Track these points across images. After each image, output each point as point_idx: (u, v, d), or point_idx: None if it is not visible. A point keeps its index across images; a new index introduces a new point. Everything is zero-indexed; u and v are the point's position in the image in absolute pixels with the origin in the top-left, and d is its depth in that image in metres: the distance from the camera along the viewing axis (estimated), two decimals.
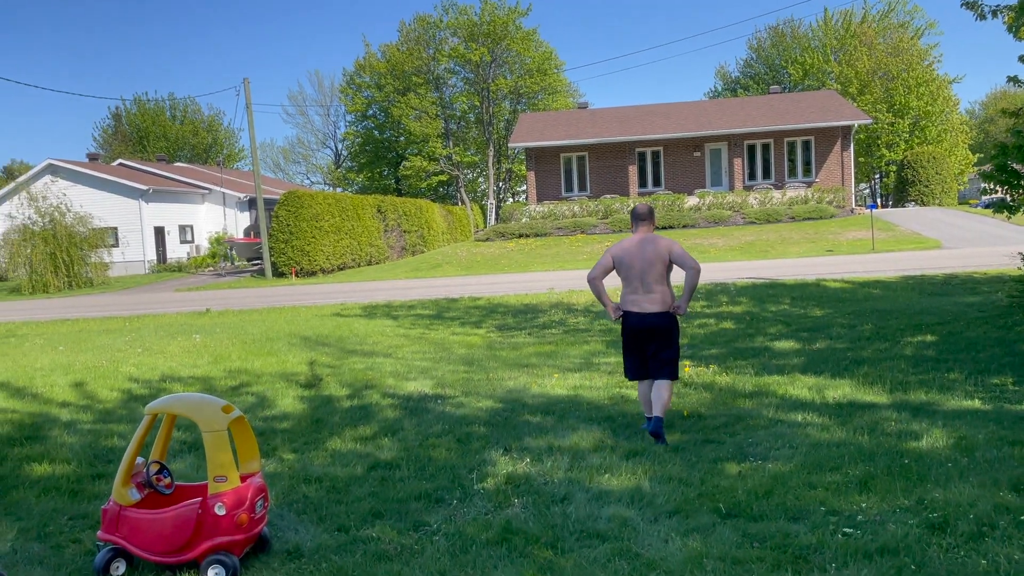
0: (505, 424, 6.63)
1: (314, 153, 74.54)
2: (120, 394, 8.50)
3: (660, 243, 6.04)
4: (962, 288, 14.85)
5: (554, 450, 5.79)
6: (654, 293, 6.01)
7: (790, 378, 7.83)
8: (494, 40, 53.35)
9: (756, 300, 14.60)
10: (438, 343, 11.87)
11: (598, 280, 6.11)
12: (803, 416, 6.36)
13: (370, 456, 5.81)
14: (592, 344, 10.95)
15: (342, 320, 14.86)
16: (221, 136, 68.14)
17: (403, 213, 36.37)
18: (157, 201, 39.71)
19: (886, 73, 47.76)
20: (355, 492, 5.04)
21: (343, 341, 12.31)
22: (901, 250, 24.35)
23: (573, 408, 7.12)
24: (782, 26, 59.45)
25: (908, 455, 5.15)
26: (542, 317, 14.02)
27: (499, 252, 31.64)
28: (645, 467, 5.24)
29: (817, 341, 10.03)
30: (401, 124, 56.65)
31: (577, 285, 19.54)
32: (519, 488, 4.98)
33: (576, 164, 38.53)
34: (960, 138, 49.25)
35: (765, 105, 39.28)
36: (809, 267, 20.79)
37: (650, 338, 6.05)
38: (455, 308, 16.12)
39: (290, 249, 29.32)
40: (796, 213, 33.01)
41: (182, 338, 12.85)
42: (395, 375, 9.14)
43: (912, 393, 6.87)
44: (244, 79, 31.76)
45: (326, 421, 6.96)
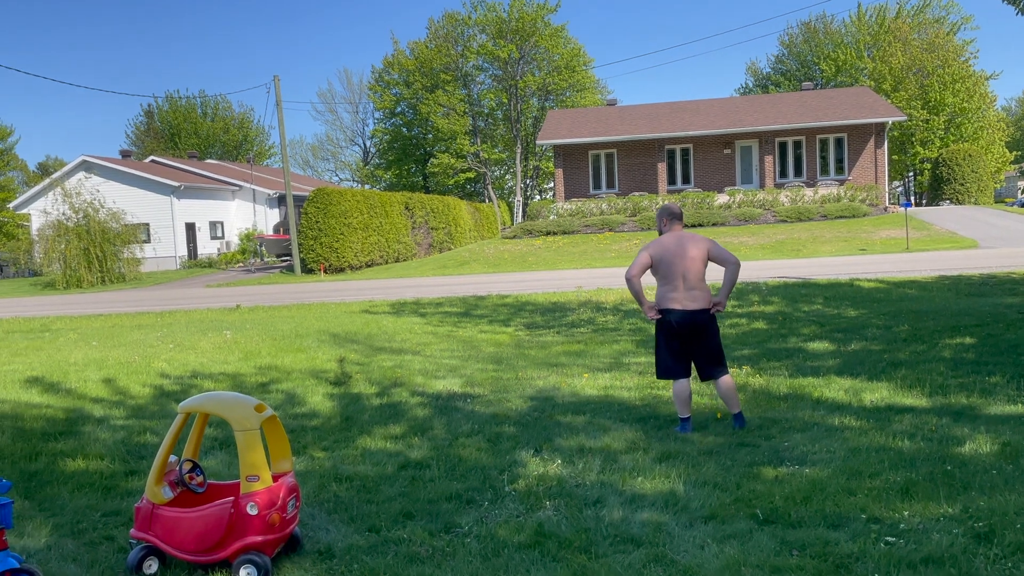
0: (535, 424, 6.58)
1: (342, 150, 75.15)
2: (152, 390, 8.57)
3: (699, 241, 6.07)
4: (1000, 289, 14.53)
5: (585, 451, 5.73)
6: (696, 291, 6.01)
7: (825, 380, 7.68)
8: (522, 37, 53.22)
9: (788, 300, 14.39)
10: (466, 341, 11.84)
11: (638, 279, 6.03)
12: (840, 419, 6.23)
13: (400, 455, 5.79)
14: (622, 343, 10.85)
15: (370, 317, 14.89)
16: (251, 133, 68.78)
17: (431, 210, 36.43)
18: (188, 197, 40.16)
19: (921, 69, 46.94)
20: (386, 492, 5.01)
21: (372, 338, 12.33)
22: (936, 250, 23.91)
23: (604, 408, 7.05)
24: (814, 22, 58.72)
25: (950, 461, 5.02)
26: (570, 316, 13.93)
27: (526, 250, 31.57)
28: (679, 470, 5.15)
29: (852, 342, 9.85)
30: (429, 121, 56.76)
31: (606, 283, 19.43)
32: (551, 490, 4.92)
33: (604, 161, 38.34)
34: (997, 135, 48.27)
35: (797, 102, 38.79)
36: (842, 266, 20.48)
37: (695, 336, 6.05)
38: (483, 306, 16.09)
39: (319, 246, 29.49)
40: (828, 211, 32.56)
41: (213, 334, 12.95)
42: (424, 373, 9.12)
43: (952, 397, 6.70)
44: (275, 76, 32.01)
45: (355, 419, 6.95)
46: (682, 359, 6.10)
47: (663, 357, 6.15)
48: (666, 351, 6.11)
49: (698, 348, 6.10)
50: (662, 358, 6.16)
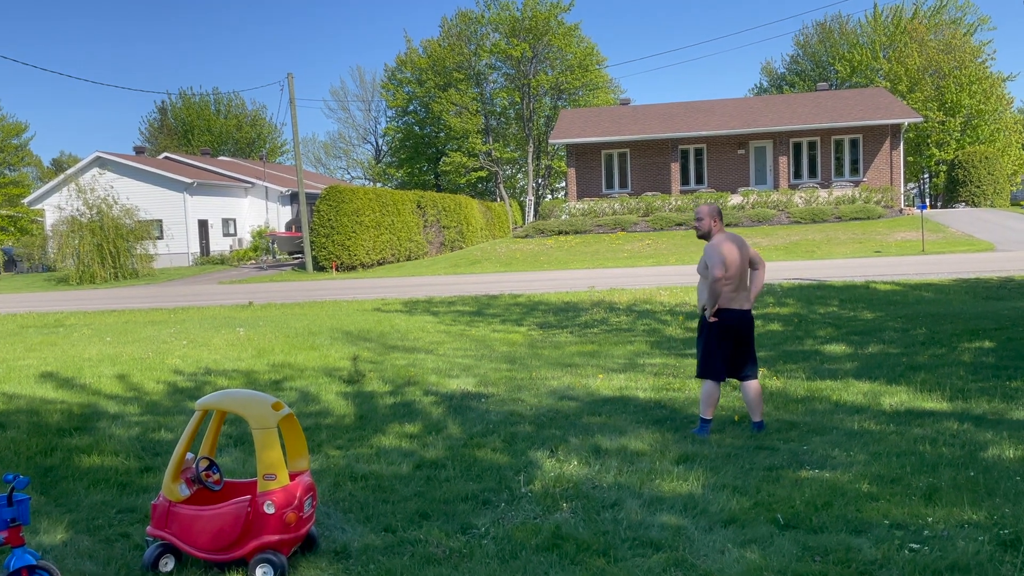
0: (550, 425, 6.53)
1: (355, 148, 75.09)
2: (166, 387, 8.57)
3: (745, 241, 6.16)
4: (1019, 292, 14.38)
5: (602, 452, 5.68)
6: (746, 291, 6.09)
7: (843, 383, 7.61)
8: (535, 36, 53.13)
9: (803, 301, 14.29)
10: (479, 340, 11.81)
11: (724, 282, 5.93)
12: (859, 423, 6.16)
13: (415, 454, 5.75)
14: (636, 344, 10.79)
15: (383, 315, 14.88)
16: (264, 130, 68.97)
17: (442, 209, 36.41)
18: (201, 194, 40.29)
19: (937, 70, 46.59)
20: (401, 491, 4.98)
21: (384, 337, 12.31)
22: (952, 252, 23.71)
23: (620, 409, 7.00)
24: (830, 22, 58.36)
25: (973, 466, 4.94)
26: (583, 316, 13.88)
27: (538, 249, 31.52)
28: (697, 473, 5.10)
29: (869, 345, 9.76)
30: (441, 120, 56.75)
31: (618, 283, 19.36)
32: (567, 492, 4.87)
33: (617, 161, 38.23)
34: (1014, 138, 47.85)
35: (812, 102, 38.55)
36: (857, 268, 20.33)
37: (747, 336, 6.09)
38: (495, 305, 16.06)
39: (331, 243, 29.52)
40: (843, 213, 32.35)
41: (226, 331, 12.96)
42: (437, 372, 9.09)
43: (973, 402, 6.62)
44: (288, 74, 32.08)
45: (370, 417, 6.93)
46: (729, 360, 6.07)
47: (716, 357, 6.03)
48: (720, 352, 6.02)
49: (744, 349, 6.09)
50: (714, 358, 6.03)
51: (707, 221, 6.08)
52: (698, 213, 6.15)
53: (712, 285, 5.85)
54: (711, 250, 5.93)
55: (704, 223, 6.09)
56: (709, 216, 6.08)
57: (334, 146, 75.63)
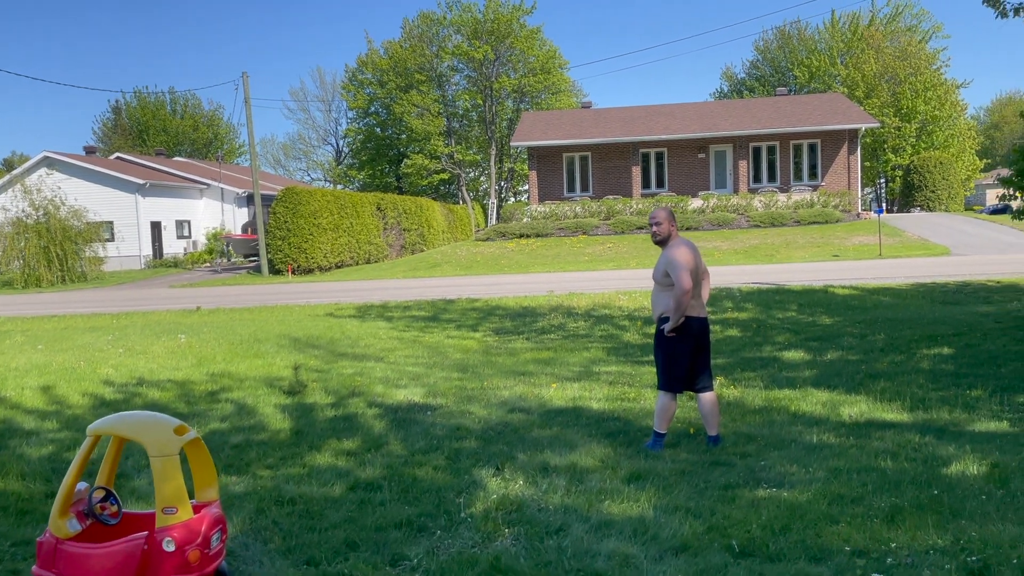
0: (498, 439, 6.18)
1: (315, 150, 74.09)
2: (92, 400, 8.05)
3: (697, 248, 5.97)
4: (975, 297, 14.40)
5: (550, 470, 5.35)
6: (701, 297, 5.81)
7: (802, 392, 7.38)
8: (498, 38, 52.87)
9: (762, 306, 14.15)
10: (432, 347, 11.43)
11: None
12: (818, 436, 5.91)
13: (351, 474, 5.36)
14: (592, 351, 10.51)
15: (335, 321, 14.41)
16: (222, 131, 67.65)
17: (403, 211, 35.91)
18: (154, 195, 39.26)
19: (893, 77, 47.23)
20: (331, 517, 4.59)
21: (334, 343, 11.87)
22: (909, 256, 23.89)
23: (572, 421, 6.68)
24: (788, 28, 58.97)
25: (937, 484, 4.70)
26: (541, 321, 13.58)
27: (499, 252, 31.19)
28: (649, 493, 4.79)
29: (828, 351, 9.59)
30: (403, 121, 56.15)
31: (578, 287, 19.10)
32: (511, 516, 4.53)
33: (579, 164, 38.07)
34: (967, 144, 48.69)
35: (771, 107, 38.80)
36: (815, 272, 20.33)
37: (705, 344, 5.82)
38: (452, 310, 15.68)
39: (287, 246, 28.88)
40: (801, 217, 32.53)
41: (167, 338, 12.40)
42: (385, 382, 8.69)
43: (934, 412, 6.42)
44: (243, 73, 31.37)
45: (306, 433, 6.51)
46: (689, 371, 5.76)
47: (680, 368, 5.71)
48: (684, 362, 5.70)
49: (702, 358, 5.81)
50: (678, 369, 5.71)
51: (666, 226, 5.76)
52: (655, 217, 5.81)
53: (680, 298, 5.51)
54: (675, 259, 5.59)
55: (663, 228, 5.76)
56: (668, 220, 5.76)
57: (293, 147, 74.61)
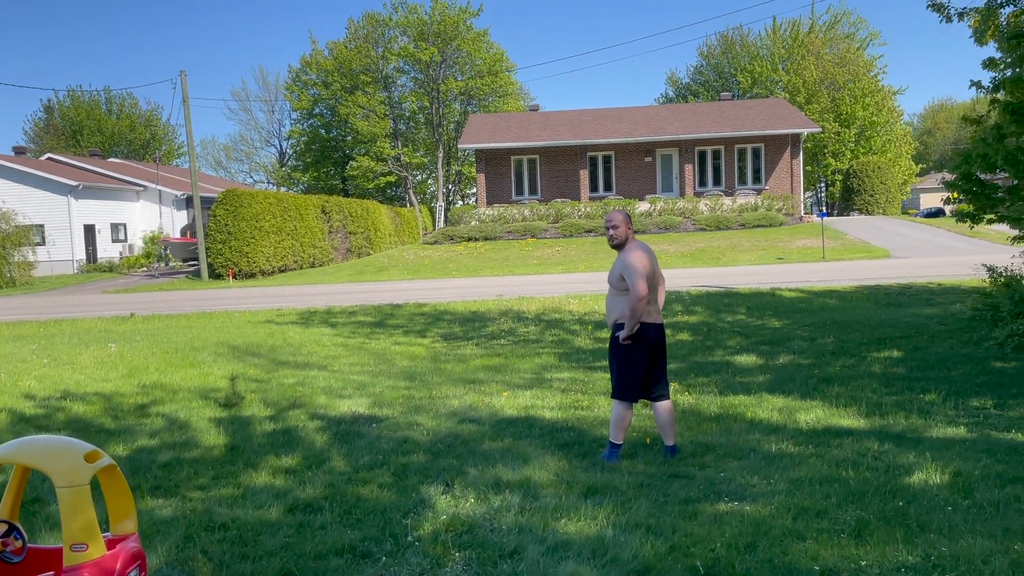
0: (448, 453, 5.89)
1: (257, 151, 72.81)
2: (9, 416, 7.49)
3: (654, 252, 5.73)
4: (917, 299, 14.60)
5: (503, 486, 5.07)
6: (657, 303, 5.61)
7: (757, 399, 7.25)
8: (444, 40, 52.50)
9: (711, 310, 14.12)
10: (379, 354, 11.06)
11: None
12: (777, 445, 5.76)
13: (289, 495, 5.01)
14: (544, 357, 10.27)
15: (276, 328, 13.91)
16: (159, 131, 65.85)
17: (349, 214, 35.29)
18: (87, 198, 37.84)
19: (832, 83, 48.31)
20: (266, 543, 4.24)
21: (275, 351, 11.41)
22: (851, 259, 24.30)
23: (524, 432, 6.42)
24: (731, 34, 59.91)
25: (901, 495, 4.57)
26: (490, 326, 13.30)
27: (447, 256, 30.83)
28: (607, 510, 4.55)
29: (779, 355, 9.52)
30: (348, 123, 55.34)
31: (528, 291, 18.89)
32: (461, 538, 4.24)
33: (527, 167, 37.94)
34: (904, 148, 50.09)
35: (716, 112, 39.25)
36: (761, 275, 20.49)
37: (662, 351, 5.62)
38: (399, 315, 15.30)
39: (228, 250, 28.08)
40: (746, 220, 32.93)
41: (96, 347, 11.78)
42: (328, 392, 8.31)
43: (891, 417, 6.33)
44: (181, 71, 30.45)
45: (242, 449, 6.12)
46: (645, 379, 5.56)
47: (635, 376, 5.49)
48: (639, 370, 5.49)
49: (658, 365, 5.62)
50: (634, 377, 5.49)
51: (623, 229, 5.52)
52: (611, 220, 5.57)
53: (636, 305, 5.29)
54: (631, 263, 5.37)
55: (620, 231, 5.52)
56: (625, 223, 5.53)
57: (235, 149, 73.04)
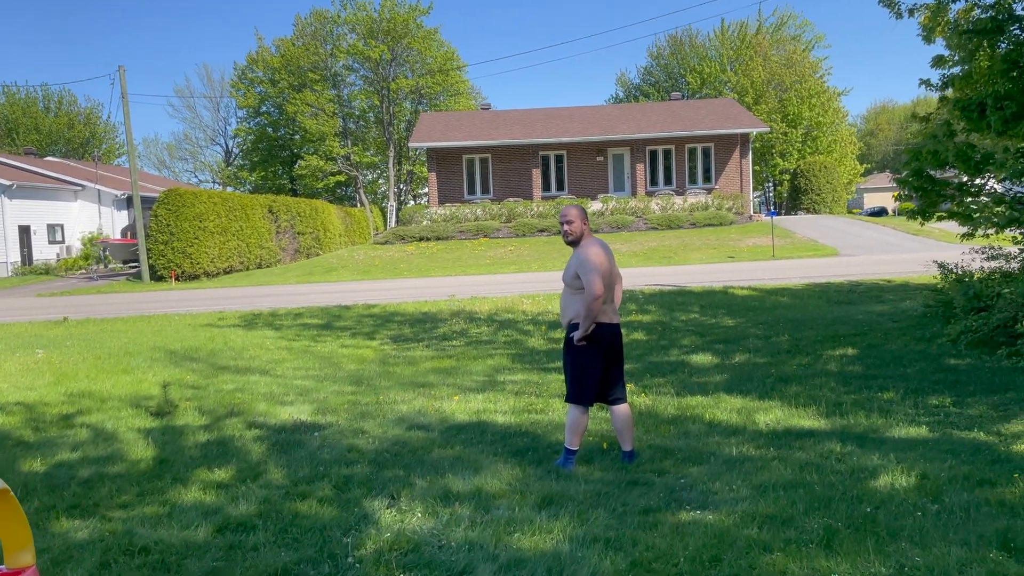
0: (394, 462, 5.55)
1: (203, 150, 71.02)
2: None
3: (611, 249, 5.45)
4: (867, 297, 14.69)
5: (452, 497, 4.76)
6: (613, 303, 5.33)
7: (715, 399, 7.06)
8: (394, 38, 51.85)
9: (665, 308, 13.99)
10: (325, 357, 10.65)
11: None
12: (737, 448, 5.56)
13: (220, 512, 4.62)
14: (497, 358, 9.98)
15: (217, 331, 13.37)
16: (99, 130, 63.83)
17: (297, 214, 34.53)
18: (22, 198, 36.36)
19: (780, 84, 49.01)
20: (191, 569, 3.86)
21: (215, 356, 10.91)
22: (800, 257, 24.52)
23: (476, 439, 6.11)
24: (680, 35, 60.40)
25: (868, 500, 4.38)
26: (442, 327, 12.97)
27: (398, 256, 30.36)
28: (563, 522, 4.27)
29: (735, 354, 9.38)
30: (296, 121, 54.29)
31: (481, 291, 18.59)
32: (407, 557, 3.92)
33: (479, 166, 37.61)
34: (849, 149, 51.05)
35: (666, 111, 39.43)
36: (713, 274, 20.51)
37: (619, 353, 5.35)
38: (347, 317, 14.86)
39: (170, 251, 27.19)
40: (697, 219, 33.10)
41: (23, 353, 11.13)
42: (269, 398, 7.90)
43: (851, 417, 6.18)
44: (119, 67, 29.42)
45: (172, 462, 5.70)
46: (601, 382, 5.29)
47: (591, 379, 5.21)
48: (595, 372, 5.21)
49: (615, 368, 5.35)
50: (589, 381, 5.21)
51: (578, 224, 5.24)
52: (566, 215, 5.28)
53: (591, 304, 5.02)
54: (587, 260, 5.10)
55: (576, 226, 5.24)
56: (580, 219, 5.25)
57: (180, 148, 71.17)
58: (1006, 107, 9.01)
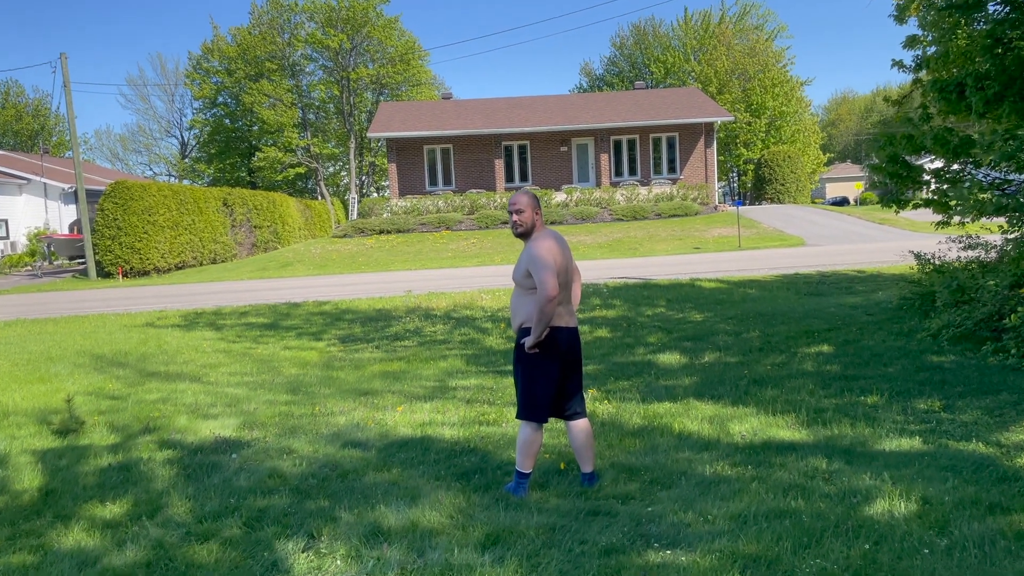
0: (320, 490, 4.83)
1: (157, 142, 69.10)
2: None
3: (567, 243, 4.75)
4: (838, 288, 14.21)
5: (383, 535, 4.06)
6: (571, 303, 4.64)
7: (684, 406, 6.43)
8: (353, 27, 50.71)
9: (631, 303, 13.38)
10: (264, 361, 9.85)
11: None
12: (711, 466, 4.92)
13: (99, 560, 3.87)
14: (451, 360, 9.27)
15: (154, 332, 12.47)
16: (49, 122, 61.74)
17: (253, 207, 33.41)
18: None
19: (743, 73, 48.79)
20: None
21: (146, 360, 10.06)
22: (766, 247, 24.12)
23: (418, 458, 5.41)
24: (644, 25, 59.98)
25: (865, 533, 3.76)
26: (395, 325, 12.22)
27: (357, 249, 29.45)
28: (511, 567, 3.60)
29: (704, 353, 8.77)
30: (254, 112, 52.90)
31: (440, 285, 17.85)
32: None
33: (440, 157, 36.76)
34: (812, 138, 51.05)
35: (630, 100, 38.90)
36: (679, 265, 19.99)
37: (576, 360, 4.67)
38: (295, 315, 14.03)
39: (117, 246, 26.00)
40: (662, 210, 32.63)
41: None
42: (192, 411, 7.11)
43: (834, 427, 5.58)
44: (61, 54, 28.06)
45: (61, 493, 4.91)
46: (557, 394, 4.61)
47: (545, 391, 4.51)
48: (550, 383, 4.52)
49: (572, 377, 4.66)
50: (543, 394, 4.51)
51: (529, 213, 4.54)
52: (515, 203, 4.56)
53: (544, 307, 4.31)
54: (539, 256, 4.39)
55: (526, 215, 4.54)
56: (531, 207, 4.55)
57: (133, 140, 69.19)
58: (987, 87, 8.50)
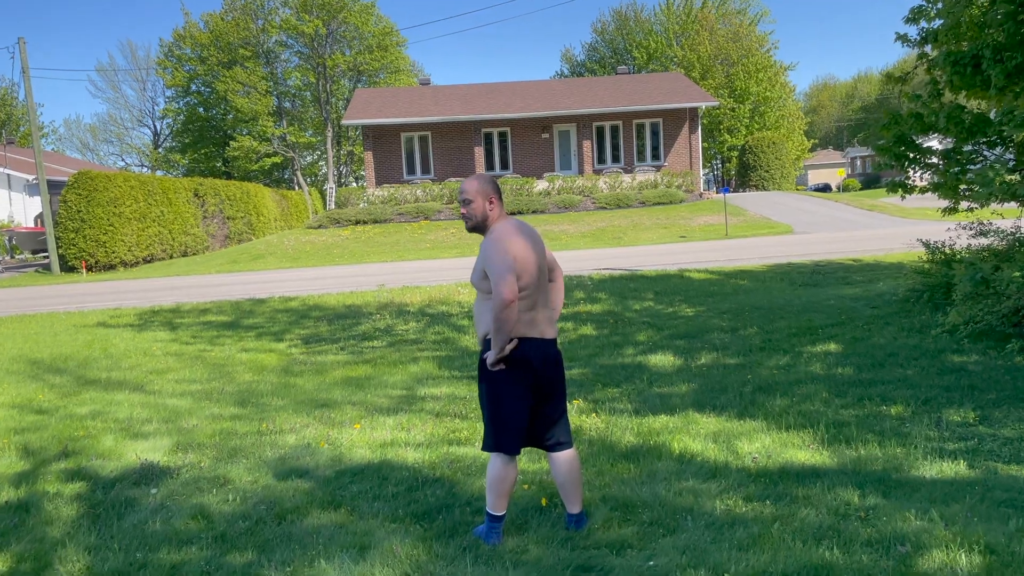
0: (247, 538, 3.98)
1: (129, 132, 67.43)
2: None
3: (539, 234, 3.89)
4: (834, 278, 13.50)
5: None
6: (548, 309, 3.78)
7: (683, 419, 5.64)
8: (329, 12, 49.46)
9: (617, 296, 12.59)
10: (218, 365, 8.98)
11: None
12: (721, 500, 4.12)
13: None
14: (422, 363, 8.44)
15: (103, 332, 11.54)
16: (16, 112, 59.98)
17: (226, 198, 32.31)
18: None
19: (727, 58, 48.07)
20: None
21: (87, 366, 9.15)
22: (754, 235, 23.41)
23: (373, 491, 4.58)
24: (626, 10, 59.09)
25: None
26: (365, 323, 11.36)
27: (332, 241, 28.47)
28: None
29: (700, 353, 7.99)
30: (228, 100, 51.56)
31: (417, 278, 16.98)
32: None
33: (418, 145, 35.76)
34: (796, 124, 50.47)
35: (613, 86, 38.04)
36: (666, 255, 19.23)
37: (554, 379, 3.79)
38: (259, 312, 13.13)
39: (81, 239, 24.90)
40: (646, 198, 31.86)
41: None
42: (123, 428, 6.23)
43: (860, 446, 4.80)
44: (19, 38, 26.81)
45: None
46: (529, 420, 3.76)
47: (515, 418, 3.68)
48: (519, 408, 3.68)
49: (551, 400, 3.81)
50: (512, 420, 3.68)
51: (480, 202, 3.68)
52: (465, 191, 3.69)
53: (501, 313, 3.47)
54: (493, 254, 3.56)
55: (476, 206, 3.68)
56: (482, 194, 3.68)
57: (104, 129, 67.54)
58: (1007, 59, 7.74)
